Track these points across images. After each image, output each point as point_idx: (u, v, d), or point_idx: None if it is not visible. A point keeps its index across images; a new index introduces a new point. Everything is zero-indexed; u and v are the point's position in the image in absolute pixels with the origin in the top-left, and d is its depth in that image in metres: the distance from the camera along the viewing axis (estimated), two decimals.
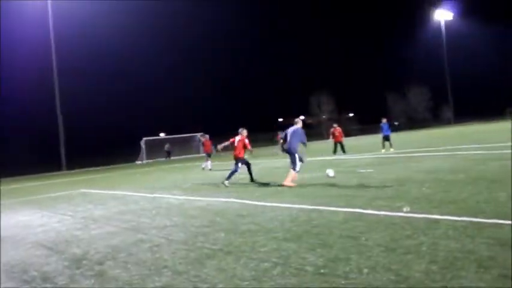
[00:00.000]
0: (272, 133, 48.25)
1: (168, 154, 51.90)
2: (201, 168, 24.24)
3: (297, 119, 13.41)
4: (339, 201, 9.04)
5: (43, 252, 7.24)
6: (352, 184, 11.67)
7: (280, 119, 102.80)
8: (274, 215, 8.24)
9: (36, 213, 12.54)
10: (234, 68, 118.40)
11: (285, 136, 13.11)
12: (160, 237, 7.33)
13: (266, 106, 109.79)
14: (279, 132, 42.80)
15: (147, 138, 53.63)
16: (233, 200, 10.81)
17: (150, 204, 11.63)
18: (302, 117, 13.69)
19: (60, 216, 11.32)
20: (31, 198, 17.50)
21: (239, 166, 14.56)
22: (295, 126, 13.15)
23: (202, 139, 27.43)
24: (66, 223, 10.05)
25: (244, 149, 14.66)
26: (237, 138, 14.75)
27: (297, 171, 12.70)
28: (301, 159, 12.87)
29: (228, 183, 14.04)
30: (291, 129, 13.08)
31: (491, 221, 6.04)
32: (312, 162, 20.03)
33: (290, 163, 12.79)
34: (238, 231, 7.14)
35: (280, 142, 13.62)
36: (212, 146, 24.50)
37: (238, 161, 14.57)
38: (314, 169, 16.20)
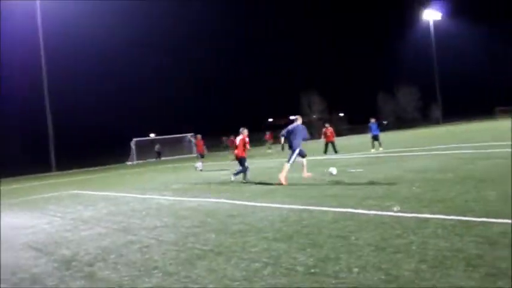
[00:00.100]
0: (261, 133, 47.90)
1: (158, 155, 51.73)
2: (195, 169, 24.01)
3: (296, 116, 13.84)
4: (329, 201, 9.05)
5: (32, 254, 7.18)
6: (342, 184, 11.69)
7: (270, 119, 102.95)
8: (264, 215, 8.23)
9: (25, 214, 12.44)
10: (223, 68, 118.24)
11: (286, 133, 13.42)
12: (151, 238, 7.29)
13: (256, 106, 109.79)
14: (267, 132, 42.86)
15: (137, 139, 53.39)
16: (224, 200, 10.78)
17: (141, 205, 11.57)
18: (293, 117, 13.76)
19: (50, 217, 11.23)
20: (21, 200, 17.34)
21: (246, 164, 14.83)
22: (295, 123, 13.50)
23: (193, 140, 27.31)
24: (56, 224, 9.97)
25: (245, 148, 14.89)
26: (238, 137, 15.02)
27: (290, 163, 13.07)
28: (302, 154, 13.43)
29: (246, 180, 14.50)
30: (291, 127, 13.43)
31: (480, 219, 6.08)
32: (299, 162, 20.02)
33: (287, 157, 13.25)
34: (229, 231, 7.12)
35: (281, 140, 13.91)
36: (204, 146, 24.41)
37: (242, 160, 14.79)
38: (301, 169, 16.19)
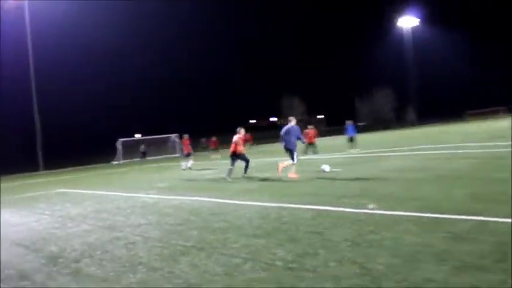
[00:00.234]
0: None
1: (143, 155, 51.38)
2: (188, 168, 23.27)
3: (290, 117, 14.18)
4: (307, 199, 9.13)
5: (20, 250, 7.12)
6: (320, 183, 11.79)
7: (252, 121, 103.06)
8: (245, 212, 8.28)
9: (13, 212, 12.29)
10: (208, 69, 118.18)
11: (284, 134, 13.75)
12: (136, 235, 7.29)
13: (238, 108, 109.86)
14: (247, 134, 42.75)
15: (123, 139, 53.05)
16: (206, 198, 10.79)
17: (126, 203, 11.52)
18: (274, 119, 14.03)
19: (38, 215, 11.11)
20: (8, 198, 17.08)
21: (247, 158, 15.29)
22: (290, 124, 13.81)
23: (177, 140, 27.06)
24: (44, 222, 9.87)
25: (238, 145, 15.30)
26: (235, 136, 15.40)
27: (295, 162, 13.67)
28: (291, 154, 13.69)
29: (246, 175, 14.98)
30: (286, 127, 13.76)
31: (449, 216, 6.22)
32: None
33: (289, 157, 13.67)
34: (211, 228, 7.16)
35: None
36: (190, 145, 24.15)
37: (241, 156, 15.23)
38: (284, 169, 16.27)
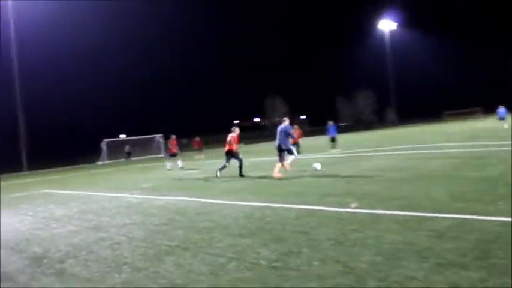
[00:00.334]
0: (224, 134, 47.37)
1: (128, 155, 51.00)
2: (180, 168, 22.72)
3: (284, 118, 14.62)
4: (291, 198, 9.13)
5: (4, 251, 6.97)
6: (304, 182, 11.81)
7: (236, 121, 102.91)
8: (230, 212, 8.24)
9: None
10: (190, 69, 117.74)
11: (278, 134, 14.06)
12: (120, 235, 7.20)
13: (223, 108, 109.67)
14: (229, 135, 42.59)
15: (107, 139, 52.63)
16: (191, 198, 10.73)
17: (111, 204, 11.39)
18: (257, 119, 14.25)
19: (21, 216, 10.91)
20: None
21: (240, 158, 15.49)
22: (283, 124, 14.17)
23: (162, 140, 26.82)
24: (27, 223, 9.71)
25: (235, 144, 15.64)
26: (230, 135, 15.66)
27: (296, 156, 14.38)
28: (283, 158, 14.07)
29: (243, 174, 15.10)
30: (281, 127, 14.08)
31: (430, 214, 6.26)
32: (266, 162, 20.15)
33: (287, 155, 14.09)
34: (196, 228, 7.10)
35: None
36: (177, 146, 23.93)
37: (236, 155, 15.48)
38: (268, 168, 16.28)
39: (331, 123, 25.72)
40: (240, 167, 15.36)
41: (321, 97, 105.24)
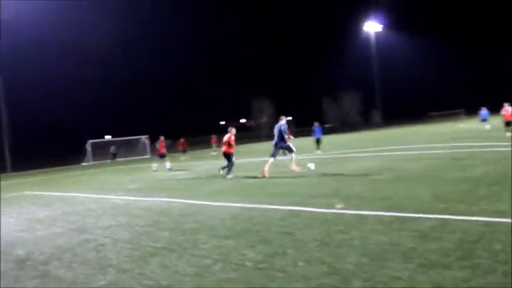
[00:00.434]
0: (208, 136, 47.04)
1: (113, 156, 50.63)
2: (168, 170, 22.47)
3: (282, 117, 14.72)
4: (277, 199, 9.13)
5: None
6: (290, 183, 11.82)
7: (222, 122, 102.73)
8: (215, 213, 8.21)
9: None
10: (174, 70, 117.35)
11: (275, 133, 14.36)
12: (105, 237, 7.13)
13: (208, 109, 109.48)
14: (213, 136, 42.59)
15: (92, 140, 52.22)
16: (177, 200, 10.67)
17: (95, 205, 11.28)
18: (244, 120, 14.31)
19: (5, 218, 10.74)
20: None
21: (233, 160, 15.44)
22: (280, 123, 14.48)
23: (147, 141, 26.65)
24: (10, 225, 9.56)
25: (231, 145, 15.53)
26: (226, 135, 15.59)
27: (295, 151, 14.47)
28: (275, 155, 14.43)
29: (230, 176, 14.96)
30: (278, 126, 14.41)
31: (414, 215, 6.31)
32: (253, 162, 20.14)
33: (287, 152, 14.33)
34: (181, 229, 7.07)
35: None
36: (165, 148, 23.76)
37: (230, 156, 15.38)
38: (254, 169, 16.29)
39: (316, 125, 25.86)
40: (226, 167, 15.41)
41: (307, 98, 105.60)
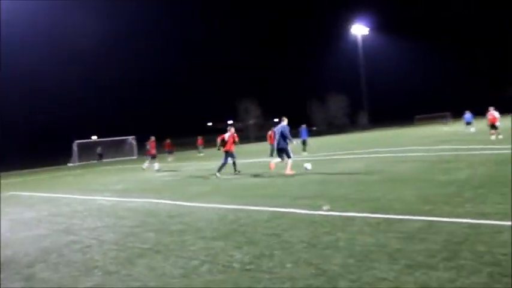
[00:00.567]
0: (195, 137, 46.77)
1: (100, 157, 50.26)
2: (155, 171, 22.46)
3: (283, 117, 14.78)
4: (265, 201, 9.12)
5: None
6: (278, 185, 11.83)
7: (209, 123, 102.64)
8: (203, 215, 8.19)
9: None
10: (160, 71, 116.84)
11: (275, 134, 14.44)
12: (91, 238, 7.06)
13: (194, 110, 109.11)
14: (199, 137, 42.53)
15: (79, 141, 51.78)
16: (163, 201, 10.62)
17: (82, 206, 11.18)
18: (231, 121, 14.30)
19: None
20: None
21: (228, 159, 15.90)
22: (281, 124, 14.55)
23: (134, 142, 26.50)
24: None
25: (234, 144, 16.11)
26: (226, 134, 16.01)
27: (292, 157, 14.31)
28: (287, 154, 14.38)
29: (219, 175, 15.44)
30: (278, 127, 14.46)
31: (400, 217, 6.35)
32: (238, 164, 20.10)
33: (284, 155, 14.24)
34: (168, 231, 7.03)
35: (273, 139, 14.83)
36: (155, 148, 23.57)
37: (228, 154, 15.90)
38: (242, 170, 16.28)
39: (303, 127, 26.02)
40: (221, 166, 15.81)
41: (294, 100, 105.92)
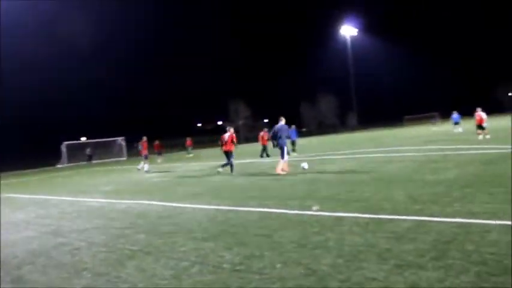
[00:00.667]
0: (183, 138, 46.55)
1: (89, 158, 49.94)
2: (145, 172, 22.50)
3: (281, 117, 14.80)
4: (254, 201, 9.12)
5: None
6: (267, 185, 11.83)
7: (199, 124, 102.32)
8: (193, 216, 8.16)
9: None
10: (149, 71, 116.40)
11: (273, 133, 14.44)
12: (81, 240, 7.01)
13: (184, 110, 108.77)
14: (187, 138, 42.49)
15: (68, 142, 51.39)
16: (154, 202, 10.57)
17: (71, 208, 11.10)
18: (220, 122, 14.29)
19: None
20: None
21: (231, 159, 16.29)
22: (279, 123, 14.53)
23: (123, 143, 26.38)
24: None
25: (233, 144, 16.34)
26: (226, 134, 16.28)
27: (285, 160, 14.21)
28: (288, 152, 14.55)
29: (222, 170, 16.23)
30: (277, 127, 14.45)
31: (390, 217, 6.38)
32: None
33: (279, 154, 14.23)
34: (158, 232, 7.00)
35: (270, 138, 15.03)
36: (147, 149, 23.49)
37: (229, 154, 16.18)
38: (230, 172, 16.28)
39: (293, 127, 26.10)
40: (226, 165, 16.22)
41: (284, 101, 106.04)
